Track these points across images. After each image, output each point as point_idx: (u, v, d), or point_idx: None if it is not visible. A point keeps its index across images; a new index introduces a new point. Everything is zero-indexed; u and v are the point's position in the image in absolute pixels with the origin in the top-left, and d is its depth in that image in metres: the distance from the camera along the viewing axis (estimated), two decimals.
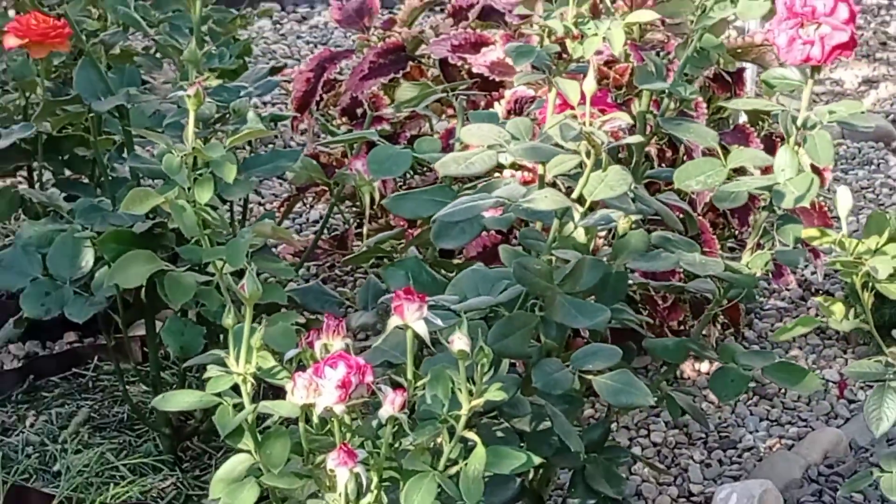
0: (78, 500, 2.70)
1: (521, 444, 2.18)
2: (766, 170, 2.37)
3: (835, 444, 3.07)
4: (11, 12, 3.08)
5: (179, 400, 2.20)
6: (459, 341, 2.02)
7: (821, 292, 3.51)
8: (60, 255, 2.63)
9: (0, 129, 3.05)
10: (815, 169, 2.36)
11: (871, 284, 2.31)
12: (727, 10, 2.56)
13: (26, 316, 2.67)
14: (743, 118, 3.24)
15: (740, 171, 2.39)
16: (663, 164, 3.02)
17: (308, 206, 3.72)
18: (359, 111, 3.29)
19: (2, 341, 3.20)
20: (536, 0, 3.08)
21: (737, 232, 3.32)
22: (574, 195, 2.24)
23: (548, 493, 2.53)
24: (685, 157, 2.93)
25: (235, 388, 2.11)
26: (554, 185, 2.30)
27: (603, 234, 2.45)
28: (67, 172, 3.08)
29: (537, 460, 2.18)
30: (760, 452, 3.08)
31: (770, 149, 2.50)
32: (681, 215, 2.66)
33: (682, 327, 3.06)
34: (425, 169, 3.18)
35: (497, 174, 2.38)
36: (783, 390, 3.23)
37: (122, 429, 3.02)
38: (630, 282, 2.53)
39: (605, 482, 2.41)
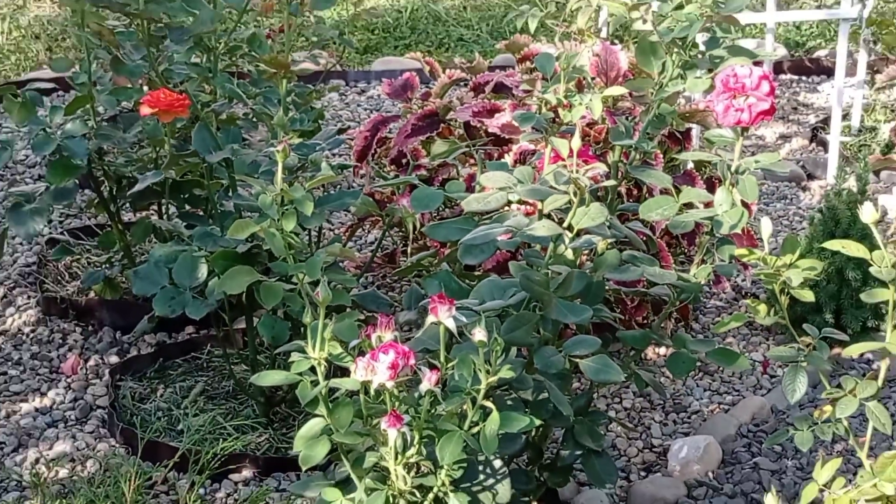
0: (196, 451, 2.70)
1: (526, 410, 2.17)
2: (708, 204, 2.37)
3: (760, 408, 3.06)
4: (145, 88, 3.10)
5: (271, 377, 2.21)
6: (479, 333, 2.02)
7: (749, 295, 3.49)
8: (182, 269, 2.63)
9: (138, 176, 3.07)
10: (744, 203, 2.36)
11: (786, 290, 2.31)
12: (678, 85, 2.56)
13: (157, 314, 2.67)
14: (690, 165, 3.23)
15: (689, 206, 2.38)
16: (631, 200, 3.01)
17: (366, 231, 3.72)
18: (403, 161, 3.29)
19: (139, 333, 3.20)
20: (536, 79, 3.09)
21: (686, 250, 3.31)
22: (565, 224, 2.24)
23: (545, 446, 2.52)
24: (647, 195, 2.92)
25: (313, 369, 2.11)
26: (549, 216, 2.30)
27: (586, 252, 2.44)
28: (187, 207, 3.08)
29: (537, 422, 2.19)
30: (704, 415, 3.07)
31: (711, 189, 2.50)
32: (644, 238, 2.66)
33: (645, 321, 3.05)
34: (453, 204, 3.18)
35: (507, 209, 2.38)
36: (721, 368, 3.21)
37: (229, 398, 3.02)
38: (606, 288, 2.52)
39: (588, 437, 2.41)
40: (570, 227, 2.25)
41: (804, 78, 5.03)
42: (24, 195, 3.13)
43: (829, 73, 4.80)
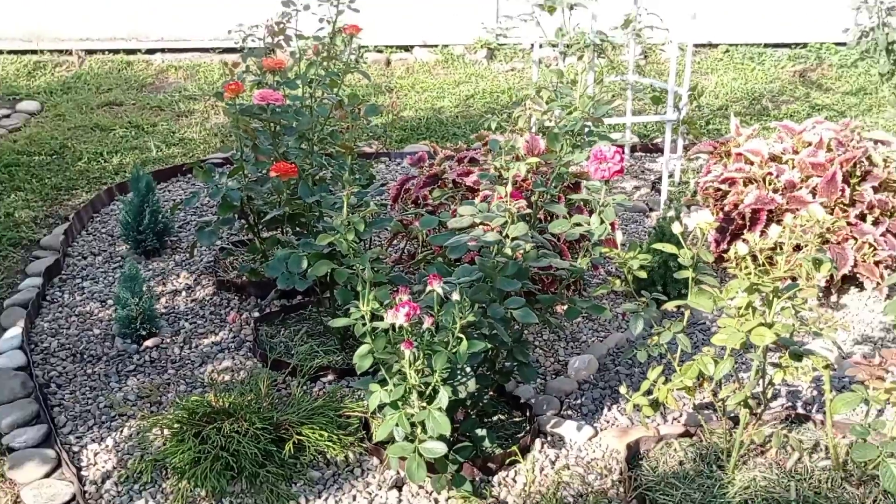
0: (301, 365, 2.71)
1: (484, 340, 2.19)
2: (589, 223, 2.39)
3: (620, 339, 3.05)
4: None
5: (340, 321, 2.23)
6: (455, 295, 2.05)
7: (612, 275, 3.49)
8: (294, 262, 2.61)
9: (269, 211, 3.07)
10: (612, 224, 2.37)
11: (631, 272, 2.33)
12: (570, 157, 2.58)
13: (279, 288, 2.67)
14: (580, 202, 3.24)
15: (578, 224, 2.39)
16: (546, 222, 3.01)
17: (398, 241, 3.73)
18: (418, 202, 3.29)
19: (270, 299, 3.20)
20: (488, 153, 3.10)
21: (577, 250, 3.32)
22: (504, 234, 2.26)
23: (497, 361, 2.53)
24: (554, 218, 2.93)
25: (364, 317, 2.14)
26: (500, 232, 2.31)
27: (521, 252, 2.46)
28: (297, 228, 3.10)
29: (490, 346, 2.21)
30: (589, 343, 3.05)
31: (590, 215, 2.51)
32: (553, 243, 2.68)
33: (555, 291, 3.04)
34: (444, 225, 3.20)
35: (477, 227, 2.40)
36: (598, 317, 3.21)
37: (321, 335, 3.00)
38: (532, 271, 2.53)
39: (521, 355, 2.41)
40: (507, 236, 2.27)
41: (649, 154, 5.01)
42: (206, 222, 3.15)
43: (662, 151, 4.80)
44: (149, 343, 2.98)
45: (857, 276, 3.26)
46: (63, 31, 6.42)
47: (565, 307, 2.46)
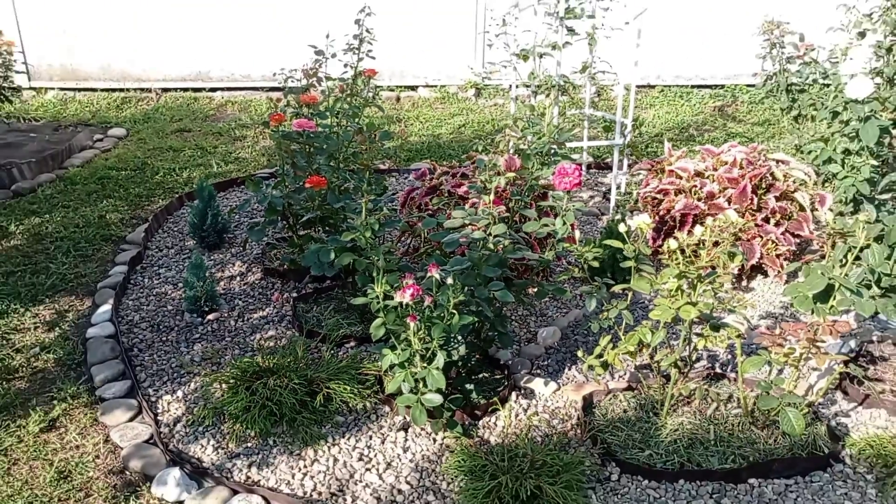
0: (329, 335, 2.68)
1: (472, 315, 2.18)
2: (554, 224, 2.37)
3: (578, 314, 3.01)
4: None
5: (359, 300, 2.22)
6: (449, 279, 2.03)
7: (572, 264, 3.47)
8: (324, 254, 2.59)
9: (304, 213, 3.05)
10: (572, 225, 2.36)
11: (586, 262, 2.32)
12: (540, 172, 2.57)
13: (312, 274, 2.66)
14: (547, 208, 3.23)
15: (546, 225, 2.38)
16: (520, 223, 3.00)
17: (406, 238, 3.71)
18: (422, 207, 3.27)
19: (305, 283, 3.17)
20: (476, 170, 3.08)
21: (546, 244, 3.30)
22: (487, 232, 2.25)
23: (482, 331, 2.52)
24: (527, 220, 2.91)
25: (377, 297, 2.12)
26: (485, 231, 2.30)
27: (501, 246, 2.45)
28: (327, 228, 3.08)
29: (476, 319, 2.20)
30: (554, 317, 3.02)
31: (555, 217, 2.50)
32: (526, 239, 2.66)
33: (527, 276, 3.03)
34: (441, 225, 3.17)
35: (465, 227, 2.38)
36: (561, 297, 3.18)
37: (345, 311, 2.97)
38: (510, 261, 2.51)
39: (501, 326, 2.39)
40: (490, 234, 2.26)
41: (601, 171, 4.98)
42: (255, 223, 3.12)
43: (611, 168, 4.79)
44: (210, 317, 2.96)
45: (763, 265, 3.27)
46: (144, 73, 6.42)
47: (535, 289, 2.45)
